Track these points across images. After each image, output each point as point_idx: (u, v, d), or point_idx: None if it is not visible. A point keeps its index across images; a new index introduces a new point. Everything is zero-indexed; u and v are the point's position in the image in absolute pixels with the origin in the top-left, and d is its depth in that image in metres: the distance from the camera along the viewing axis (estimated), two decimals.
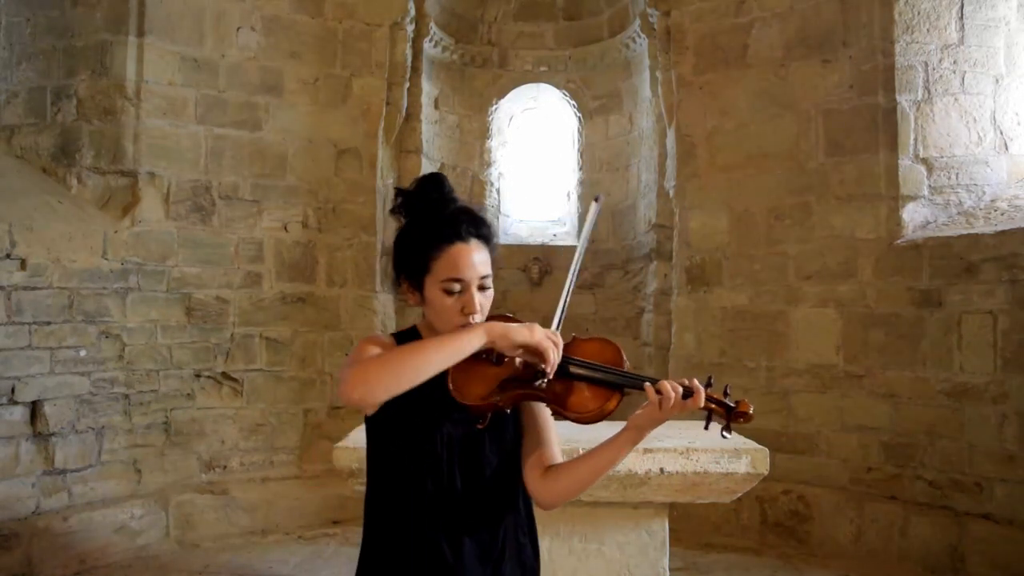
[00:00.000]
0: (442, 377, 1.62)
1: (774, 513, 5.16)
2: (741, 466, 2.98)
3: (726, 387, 1.70)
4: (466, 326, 1.63)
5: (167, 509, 5.05)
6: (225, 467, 5.40)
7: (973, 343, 4.42)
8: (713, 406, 1.65)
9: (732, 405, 1.65)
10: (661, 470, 2.94)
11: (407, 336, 1.79)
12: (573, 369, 1.68)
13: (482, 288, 1.69)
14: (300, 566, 4.73)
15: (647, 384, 1.65)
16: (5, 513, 4.35)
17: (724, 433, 1.66)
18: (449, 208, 1.72)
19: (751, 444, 3.06)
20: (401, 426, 1.70)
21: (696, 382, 1.65)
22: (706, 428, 1.72)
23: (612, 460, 1.72)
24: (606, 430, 1.78)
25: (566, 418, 1.70)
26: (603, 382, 1.68)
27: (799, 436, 5.11)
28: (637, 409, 1.69)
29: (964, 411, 4.45)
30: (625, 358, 1.73)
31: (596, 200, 1.91)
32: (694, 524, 5.13)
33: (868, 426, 4.87)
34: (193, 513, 5.15)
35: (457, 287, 1.66)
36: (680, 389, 1.62)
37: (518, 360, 1.65)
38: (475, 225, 1.70)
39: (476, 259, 1.67)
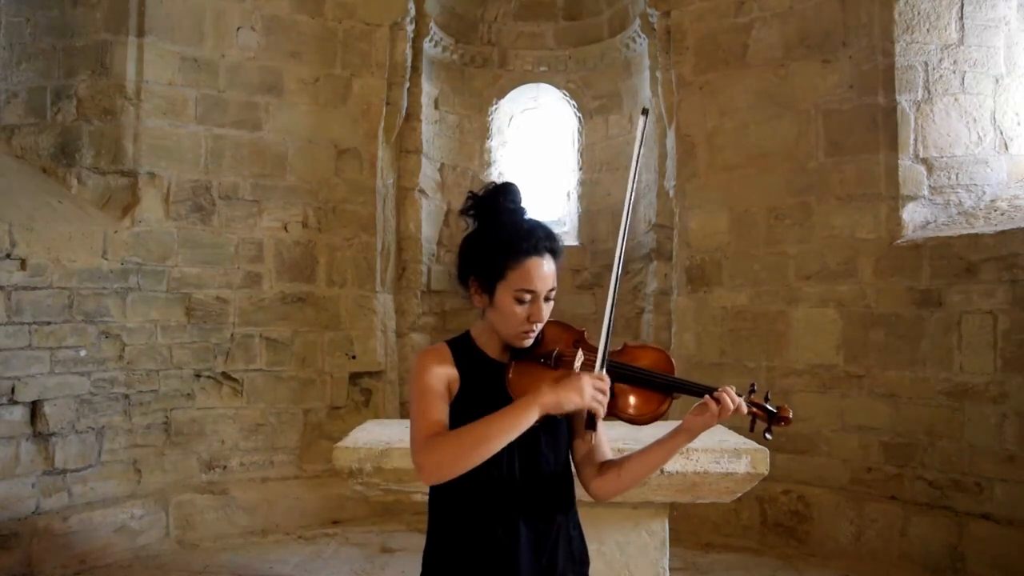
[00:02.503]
0: (502, 379, 1.80)
1: (774, 513, 5.16)
2: (741, 466, 2.98)
3: (767, 393, 1.86)
4: (520, 402, 1.70)
5: (167, 509, 5.05)
6: (225, 467, 5.40)
7: (973, 343, 4.42)
8: (756, 410, 1.82)
9: (775, 411, 1.82)
10: (661, 470, 2.94)
11: (461, 344, 1.89)
12: (630, 375, 1.83)
13: (547, 299, 1.82)
14: (300, 566, 4.73)
15: (708, 396, 1.79)
16: (5, 513, 4.35)
17: (767, 435, 1.85)
18: (526, 220, 1.84)
19: (751, 444, 3.04)
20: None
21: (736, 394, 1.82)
22: (751, 431, 1.88)
23: (664, 459, 1.91)
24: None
25: (620, 419, 1.84)
26: (656, 387, 1.83)
27: (799, 436, 5.10)
28: (689, 413, 1.84)
29: (964, 411, 4.44)
30: (675, 365, 1.89)
31: (644, 113, 1.91)
32: (694, 524, 5.13)
33: (868, 426, 4.87)
34: (193, 513, 5.15)
35: (528, 297, 1.79)
36: (736, 399, 1.79)
37: (577, 364, 1.77)
38: (550, 240, 1.83)
39: (547, 272, 1.80)
